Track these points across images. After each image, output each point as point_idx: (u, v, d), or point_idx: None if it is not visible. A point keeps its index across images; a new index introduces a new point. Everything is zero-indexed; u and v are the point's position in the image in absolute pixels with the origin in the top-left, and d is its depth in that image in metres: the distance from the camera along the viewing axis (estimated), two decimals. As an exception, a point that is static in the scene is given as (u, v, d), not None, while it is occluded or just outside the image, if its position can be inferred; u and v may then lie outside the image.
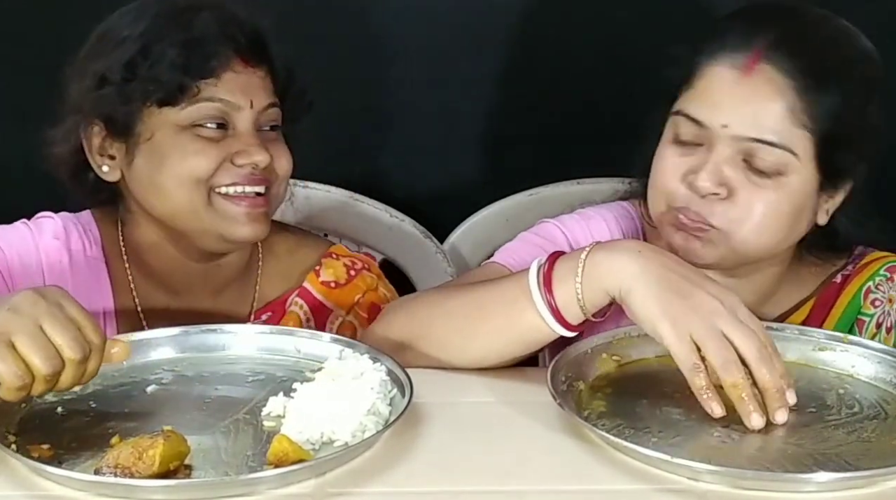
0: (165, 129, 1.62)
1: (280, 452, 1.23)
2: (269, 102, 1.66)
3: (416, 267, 2.13)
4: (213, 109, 1.61)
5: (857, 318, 1.65)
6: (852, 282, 1.66)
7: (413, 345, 1.51)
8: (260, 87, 1.65)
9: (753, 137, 1.49)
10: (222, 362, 1.49)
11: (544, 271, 1.42)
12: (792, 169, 1.50)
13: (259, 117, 1.64)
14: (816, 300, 1.67)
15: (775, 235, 1.54)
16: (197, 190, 1.61)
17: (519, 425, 1.37)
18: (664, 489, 1.23)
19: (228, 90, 1.62)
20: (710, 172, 1.50)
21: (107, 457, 1.21)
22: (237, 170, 1.62)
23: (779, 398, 1.32)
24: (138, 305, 1.72)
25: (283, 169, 1.67)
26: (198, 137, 1.61)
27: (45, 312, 1.26)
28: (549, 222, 1.71)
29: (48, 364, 1.24)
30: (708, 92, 1.52)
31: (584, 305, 1.40)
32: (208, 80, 1.60)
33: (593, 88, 2.27)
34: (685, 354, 1.32)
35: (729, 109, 1.50)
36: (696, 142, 1.53)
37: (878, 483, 1.24)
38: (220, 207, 1.63)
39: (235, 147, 1.62)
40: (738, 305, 1.35)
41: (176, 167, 1.61)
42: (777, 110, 1.49)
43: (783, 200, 1.51)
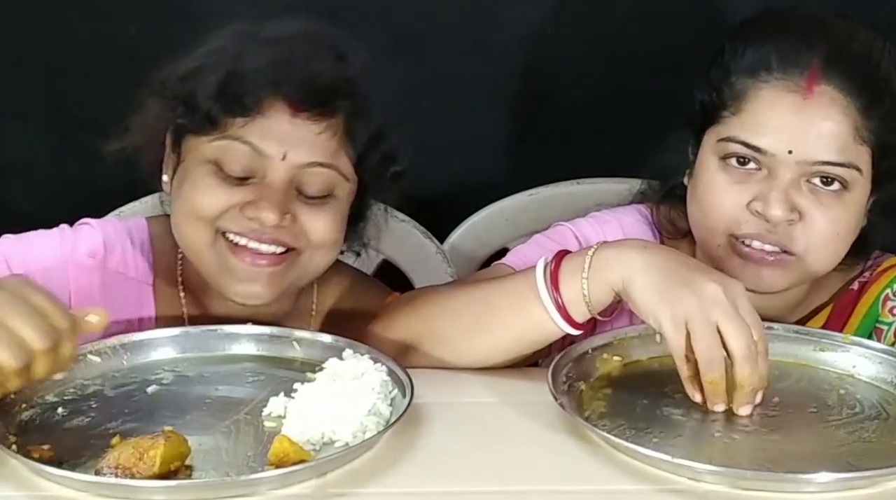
0: (194, 156, 1.53)
1: (281, 452, 1.23)
2: (315, 160, 1.50)
3: (416, 267, 2.12)
4: (238, 150, 1.49)
5: (876, 326, 1.63)
6: (870, 290, 1.65)
7: (417, 344, 1.51)
8: (306, 141, 1.49)
9: (821, 160, 1.48)
10: (223, 362, 1.49)
11: (551, 268, 1.42)
12: (855, 184, 1.50)
13: (298, 174, 1.51)
14: (834, 307, 1.66)
15: (843, 251, 1.55)
16: (202, 227, 1.52)
17: (520, 425, 1.37)
18: (665, 490, 1.23)
19: (260, 134, 1.49)
20: (781, 199, 1.48)
21: (107, 458, 1.21)
22: (246, 222, 1.50)
23: (749, 396, 1.33)
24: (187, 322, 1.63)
25: (319, 235, 1.53)
26: (215, 174, 1.51)
27: (7, 304, 1.23)
28: (564, 226, 1.69)
29: (16, 358, 1.22)
30: (766, 117, 1.49)
31: (590, 301, 1.40)
32: (240, 118, 1.49)
33: (593, 88, 2.27)
34: (678, 342, 1.32)
35: (793, 135, 1.48)
36: (752, 168, 1.51)
37: (879, 484, 1.24)
38: (222, 253, 1.53)
39: (251, 196, 1.50)
40: (741, 296, 1.33)
41: (185, 198, 1.53)
42: (843, 131, 1.48)
43: (850, 216, 1.52)
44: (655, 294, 1.34)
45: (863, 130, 1.48)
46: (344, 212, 1.58)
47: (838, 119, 1.48)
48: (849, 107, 1.48)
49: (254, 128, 1.49)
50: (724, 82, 1.53)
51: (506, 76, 2.30)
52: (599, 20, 2.27)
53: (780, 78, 1.49)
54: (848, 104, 1.48)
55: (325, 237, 1.54)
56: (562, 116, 2.29)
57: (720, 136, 1.53)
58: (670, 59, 2.11)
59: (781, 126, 1.49)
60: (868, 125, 1.48)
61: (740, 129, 1.51)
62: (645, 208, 1.72)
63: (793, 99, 1.48)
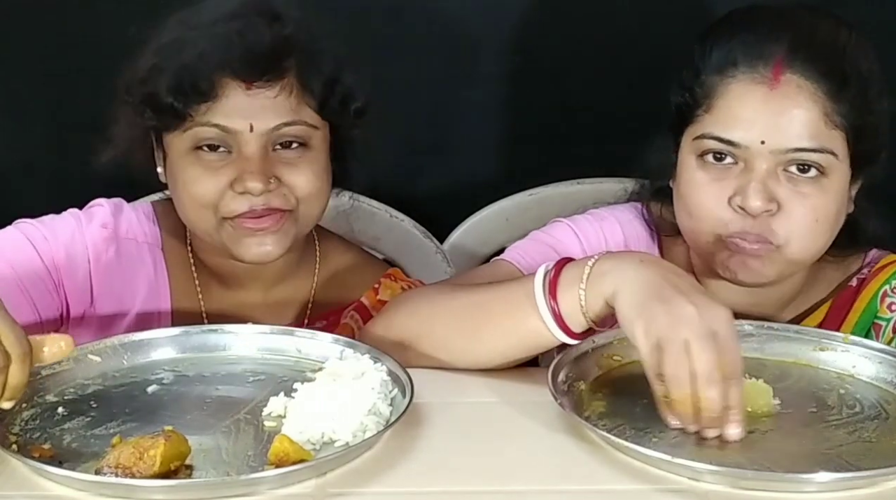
0: (174, 151, 1.62)
1: (281, 452, 1.23)
2: (280, 121, 1.59)
3: (416, 267, 2.12)
4: (210, 132, 1.58)
5: (874, 322, 1.64)
6: (868, 286, 1.65)
7: (414, 344, 1.51)
8: (267, 107, 1.58)
9: (794, 147, 1.49)
10: (223, 362, 1.49)
11: (550, 277, 1.41)
12: (832, 169, 1.51)
13: (270, 138, 1.60)
14: (832, 304, 1.66)
15: (827, 238, 1.55)
16: (203, 215, 1.62)
17: (519, 425, 1.37)
18: (665, 490, 1.23)
19: (224, 114, 1.58)
20: (758, 190, 1.49)
21: (108, 457, 1.21)
22: (240, 198, 1.59)
23: (712, 422, 1.29)
24: (200, 294, 1.74)
25: (303, 190, 1.62)
26: (198, 163, 1.60)
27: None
28: (562, 222, 1.70)
29: (24, 342, 1.23)
30: (736, 111, 1.51)
31: (586, 312, 1.39)
32: (201, 104, 1.57)
33: (594, 88, 2.27)
34: (651, 361, 1.30)
35: (764, 125, 1.49)
36: (729, 163, 1.52)
37: (878, 484, 1.24)
38: (228, 230, 1.62)
39: (234, 173, 1.59)
40: (721, 320, 1.30)
41: (183, 192, 1.62)
42: (813, 117, 1.49)
43: (830, 202, 1.52)
44: (635, 309, 1.33)
45: (833, 115, 1.49)
46: (322, 160, 1.66)
47: (807, 106, 1.49)
48: (816, 93, 1.49)
49: (216, 110, 1.58)
50: (694, 82, 1.55)
51: (506, 76, 2.30)
52: (599, 20, 2.27)
53: (746, 71, 1.51)
54: (815, 90, 1.49)
55: (309, 189, 1.62)
56: (562, 116, 2.29)
57: (695, 134, 1.55)
58: (670, 60, 2.11)
59: (752, 118, 1.50)
60: (838, 109, 1.50)
61: (713, 125, 1.53)
62: (643, 206, 1.72)
63: (760, 90, 1.50)
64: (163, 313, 1.72)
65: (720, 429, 1.30)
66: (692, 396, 1.28)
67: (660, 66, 1.79)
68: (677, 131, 1.59)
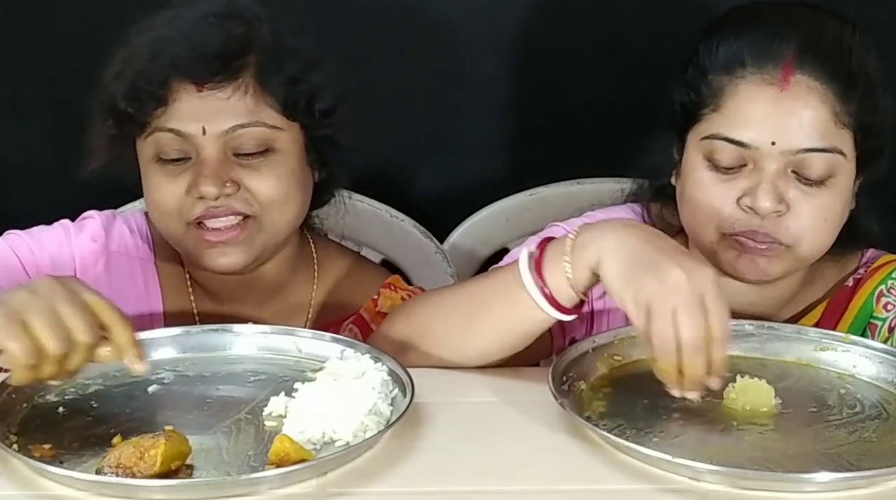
0: (142, 159, 1.62)
1: (281, 452, 1.23)
2: (235, 123, 1.56)
3: (416, 267, 2.12)
4: (168, 138, 1.56)
5: (870, 322, 1.64)
6: (864, 285, 1.65)
7: (414, 345, 1.51)
8: (221, 109, 1.55)
9: (805, 148, 1.49)
10: (224, 361, 1.49)
11: (535, 257, 1.42)
12: (840, 169, 1.51)
13: (226, 141, 1.56)
14: (829, 304, 1.66)
15: (832, 236, 1.55)
16: (170, 221, 1.60)
17: (520, 425, 1.37)
18: (665, 490, 1.23)
19: (178, 118, 1.55)
20: (768, 191, 1.49)
21: (108, 457, 1.21)
22: (200, 203, 1.57)
23: (694, 385, 1.30)
24: (195, 307, 1.71)
25: (265, 195, 1.57)
26: (161, 169, 1.58)
27: (61, 295, 1.27)
28: (558, 226, 1.69)
29: (59, 345, 1.24)
30: (745, 112, 1.50)
31: (574, 284, 1.39)
32: (157, 109, 1.55)
33: (593, 88, 2.27)
34: (641, 325, 1.31)
35: (775, 126, 1.49)
36: (738, 164, 1.52)
37: (879, 483, 1.24)
38: (193, 236, 1.59)
39: (191, 178, 1.57)
40: (708, 284, 1.30)
41: (148, 199, 1.62)
42: (823, 117, 1.49)
43: (837, 201, 1.53)
44: (621, 276, 1.33)
45: (842, 115, 1.50)
46: (290, 164, 1.61)
47: (817, 106, 1.49)
48: (826, 93, 1.49)
49: (169, 114, 1.56)
50: (701, 81, 1.54)
51: (506, 76, 2.30)
52: (600, 20, 2.27)
53: (756, 72, 1.50)
54: (825, 91, 1.49)
55: (271, 194, 1.58)
56: (562, 116, 2.29)
57: (703, 134, 1.54)
58: (670, 60, 2.11)
59: (762, 119, 1.50)
60: (847, 109, 1.50)
61: (722, 125, 1.52)
62: (639, 207, 1.72)
63: (770, 91, 1.50)
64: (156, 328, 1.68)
65: (687, 389, 1.31)
66: (677, 362, 1.29)
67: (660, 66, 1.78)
68: (682, 130, 1.58)
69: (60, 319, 1.25)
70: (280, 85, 1.58)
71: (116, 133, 1.61)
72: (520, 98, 2.31)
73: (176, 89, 1.56)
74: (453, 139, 2.33)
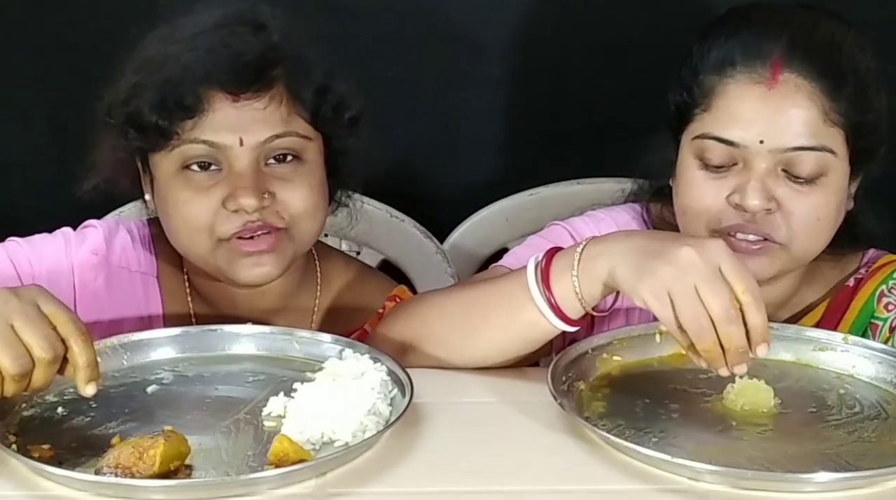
0: (162, 173, 1.56)
1: (280, 452, 1.23)
2: (271, 134, 1.53)
3: (416, 267, 2.12)
4: (199, 149, 1.52)
5: (871, 322, 1.64)
6: (865, 285, 1.65)
7: (415, 345, 1.51)
8: (258, 120, 1.53)
9: (793, 146, 1.49)
10: (223, 362, 1.49)
11: (542, 267, 1.42)
12: (831, 167, 1.51)
13: (261, 152, 1.54)
14: (830, 304, 1.66)
15: (827, 236, 1.55)
16: (197, 238, 1.55)
17: (519, 425, 1.37)
18: (665, 490, 1.23)
19: (212, 129, 1.52)
20: (757, 189, 1.49)
21: (107, 457, 1.21)
22: (235, 217, 1.53)
23: (739, 357, 1.29)
24: (194, 319, 1.67)
25: (297, 207, 1.55)
26: (189, 183, 1.54)
27: (17, 310, 1.24)
28: (559, 225, 1.70)
29: (16, 364, 1.23)
30: (734, 110, 1.51)
31: (582, 298, 1.39)
32: (187, 121, 1.51)
33: (593, 88, 2.27)
34: (666, 314, 1.30)
35: (763, 124, 1.49)
36: (728, 163, 1.52)
37: (878, 484, 1.24)
38: (224, 251, 1.55)
39: (227, 190, 1.52)
40: (722, 253, 1.31)
41: (175, 216, 1.56)
42: (812, 115, 1.49)
43: (830, 200, 1.52)
44: (634, 274, 1.33)
45: (832, 113, 1.50)
46: (317, 174, 1.60)
47: (805, 104, 1.49)
48: (814, 91, 1.49)
49: (203, 125, 1.52)
50: (693, 82, 1.55)
51: (506, 76, 2.30)
52: (600, 20, 2.27)
53: (744, 71, 1.51)
54: (813, 89, 1.49)
55: (305, 205, 1.56)
56: (561, 116, 2.29)
57: (694, 134, 1.55)
58: (671, 60, 2.11)
59: (750, 118, 1.50)
60: (836, 107, 1.50)
61: (712, 125, 1.52)
62: (640, 207, 1.72)
63: (758, 90, 1.50)
64: None
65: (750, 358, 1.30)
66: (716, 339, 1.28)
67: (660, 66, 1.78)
68: (677, 130, 1.59)
69: (17, 335, 1.23)
70: (309, 94, 1.57)
71: (134, 146, 1.56)
72: (520, 98, 2.31)
73: (209, 99, 1.52)
74: (453, 139, 2.33)
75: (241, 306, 1.67)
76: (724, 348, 1.29)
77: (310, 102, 1.57)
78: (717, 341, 1.29)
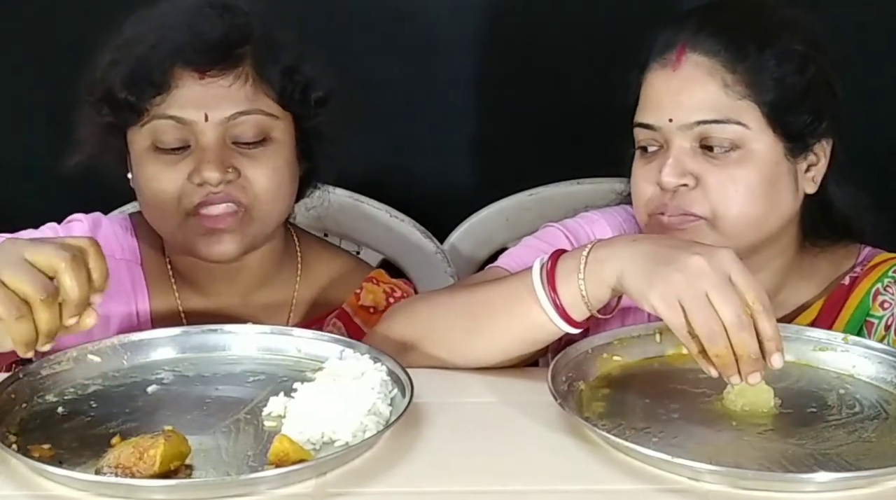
0: (135, 147, 1.62)
1: (281, 452, 1.23)
2: (236, 110, 1.58)
3: (416, 267, 2.12)
4: (167, 125, 1.58)
5: (866, 320, 1.64)
6: (861, 284, 1.66)
7: (416, 345, 1.51)
8: (222, 96, 1.57)
9: (697, 120, 1.54)
10: (223, 362, 1.49)
11: (547, 268, 1.42)
12: (748, 140, 1.54)
13: (226, 129, 1.59)
14: (825, 302, 1.66)
15: (756, 209, 1.55)
16: (168, 211, 1.60)
17: (519, 425, 1.37)
18: (665, 489, 1.23)
19: (179, 105, 1.57)
20: (671, 166, 1.55)
21: (107, 457, 1.21)
22: (199, 190, 1.57)
23: (752, 364, 1.30)
24: (180, 305, 1.72)
25: (261, 186, 1.60)
26: (158, 158, 1.59)
27: (24, 243, 1.27)
28: (553, 226, 1.72)
29: (38, 286, 1.24)
30: (649, 96, 1.59)
31: (588, 301, 1.40)
32: (156, 97, 1.56)
33: (593, 88, 2.26)
34: (676, 321, 1.31)
35: (669, 104, 1.56)
36: (655, 146, 1.59)
37: (878, 483, 1.24)
38: (190, 225, 1.60)
39: (192, 165, 1.58)
40: (730, 262, 1.31)
41: (145, 189, 1.62)
42: (711, 89, 1.55)
43: (751, 173, 1.55)
44: (644, 280, 1.34)
45: (737, 86, 1.54)
46: (284, 154, 1.64)
47: (704, 79, 1.55)
48: (714, 66, 1.55)
49: (170, 101, 1.57)
50: (634, 81, 1.63)
51: (505, 76, 2.30)
52: (600, 20, 2.27)
53: (658, 59, 1.59)
54: (713, 64, 1.55)
55: (268, 184, 1.60)
56: (561, 116, 2.29)
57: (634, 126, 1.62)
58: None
59: (659, 99, 1.58)
60: (743, 80, 1.54)
61: (638, 114, 1.61)
62: (632, 208, 1.71)
63: (665, 74, 1.58)
64: (143, 328, 1.67)
65: (763, 366, 1.30)
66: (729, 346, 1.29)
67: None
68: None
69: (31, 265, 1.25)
70: (276, 73, 1.61)
71: (110, 122, 1.61)
72: (520, 98, 2.31)
73: (177, 77, 1.57)
74: (453, 139, 2.33)
75: (220, 282, 1.71)
76: (736, 357, 1.29)
77: (276, 81, 1.61)
78: (729, 346, 1.29)
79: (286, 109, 1.63)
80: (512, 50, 2.29)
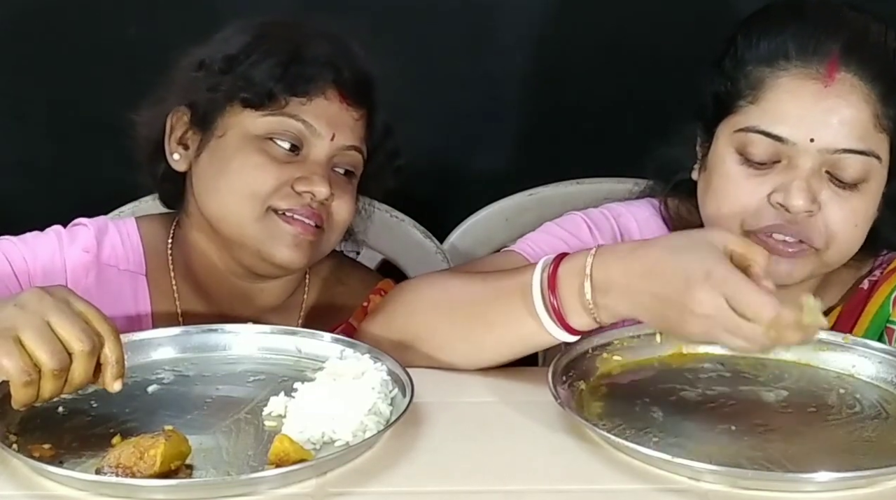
0: (238, 131, 1.61)
1: (281, 451, 1.23)
2: (352, 144, 1.64)
3: (416, 267, 2.12)
4: (292, 127, 1.60)
5: (886, 326, 1.60)
6: (880, 289, 1.61)
7: (415, 345, 1.51)
8: (349, 126, 1.63)
9: (843, 148, 1.46)
10: (223, 361, 1.49)
11: (549, 272, 1.39)
12: (874, 173, 1.49)
13: (337, 155, 1.63)
14: (844, 308, 1.63)
15: (860, 243, 1.53)
16: (249, 204, 1.60)
17: (519, 425, 1.37)
18: (665, 489, 1.23)
19: (315, 115, 1.61)
20: (803, 189, 1.46)
21: (108, 457, 1.21)
22: (297, 197, 1.59)
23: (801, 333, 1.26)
24: (180, 317, 1.70)
25: (341, 216, 1.64)
26: (264, 152, 1.60)
27: (52, 307, 1.26)
28: (577, 215, 1.66)
29: (55, 359, 1.24)
30: (786, 106, 1.47)
31: (599, 321, 1.37)
32: (299, 97, 1.60)
33: (594, 88, 2.27)
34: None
35: (815, 122, 1.46)
36: (771, 159, 1.48)
37: (878, 483, 1.24)
38: (269, 223, 1.60)
39: (300, 173, 1.59)
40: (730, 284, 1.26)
41: (234, 176, 1.61)
42: (864, 118, 1.46)
43: (869, 206, 1.50)
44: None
45: (883, 118, 1.47)
46: (355, 194, 1.69)
47: (860, 106, 1.46)
48: (869, 94, 1.46)
49: (310, 108, 1.61)
50: (739, 72, 1.51)
51: (506, 76, 2.30)
52: (600, 20, 2.27)
53: (800, 66, 1.47)
54: (868, 92, 1.46)
55: (345, 218, 1.66)
56: (562, 115, 2.29)
57: (737, 126, 1.50)
58: (671, 60, 2.11)
59: (803, 114, 1.46)
60: (887, 113, 1.47)
61: (759, 118, 1.48)
62: (658, 202, 1.68)
63: (813, 86, 1.46)
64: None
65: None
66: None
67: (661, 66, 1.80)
68: (711, 122, 1.55)
69: (53, 331, 1.24)
70: (379, 129, 1.70)
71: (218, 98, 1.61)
72: (520, 98, 2.32)
73: (325, 90, 1.61)
74: (453, 139, 2.33)
75: (237, 300, 1.69)
76: None
77: (377, 136, 1.69)
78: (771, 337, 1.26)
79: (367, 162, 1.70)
80: (512, 50, 2.29)
